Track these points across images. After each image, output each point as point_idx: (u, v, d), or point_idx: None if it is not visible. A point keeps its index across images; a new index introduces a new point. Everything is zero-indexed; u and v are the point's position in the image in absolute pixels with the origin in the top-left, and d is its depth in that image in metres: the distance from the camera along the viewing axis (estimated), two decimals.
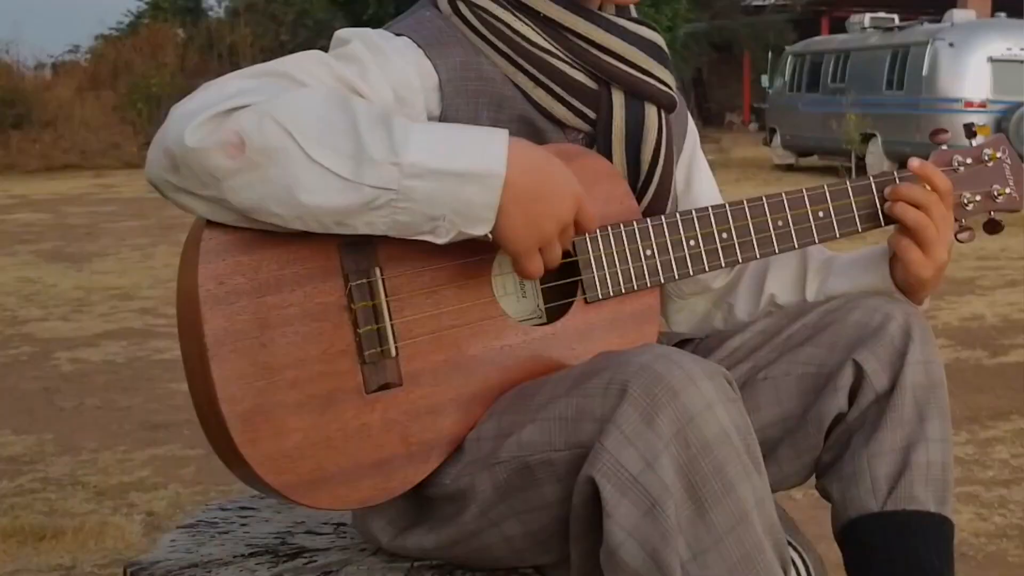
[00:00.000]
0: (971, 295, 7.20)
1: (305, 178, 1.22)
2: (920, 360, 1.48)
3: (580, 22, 1.47)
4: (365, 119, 1.24)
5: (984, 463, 3.92)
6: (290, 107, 1.23)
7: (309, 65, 1.34)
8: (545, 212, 1.30)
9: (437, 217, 1.25)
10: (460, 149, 1.26)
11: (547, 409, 1.29)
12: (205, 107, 1.23)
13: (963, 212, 1.59)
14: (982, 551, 3.15)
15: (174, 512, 3.57)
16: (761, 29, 29.59)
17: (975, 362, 5.41)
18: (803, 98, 18.58)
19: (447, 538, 1.39)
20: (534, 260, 1.31)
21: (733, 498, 1.22)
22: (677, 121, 1.60)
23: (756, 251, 1.50)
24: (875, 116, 15.93)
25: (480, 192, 1.25)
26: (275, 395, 1.28)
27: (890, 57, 16.52)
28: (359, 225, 1.25)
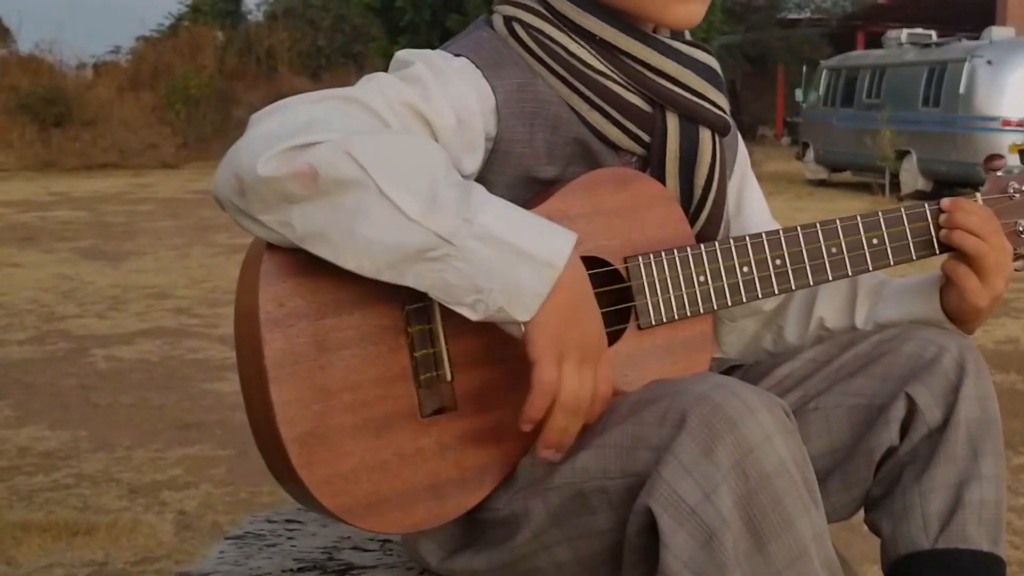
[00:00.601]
0: (1006, 317, 7.15)
1: (372, 209, 1.22)
2: (974, 395, 1.46)
3: (636, 45, 1.47)
4: (445, 172, 1.25)
5: (1017, 491, 3.88)
6: (369, 145, 1.24)
7: (377, 90, 1.34)
8: (578, 330, 1.28)
9: (483, 289, 1.24)
10: (531, 231, 1.26)
11: (602, 436, 1.29)
12: (280, 137, 1.23)
13: (1019, 240, 1.57)
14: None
15: (205, 512, 3.62)
16: (796, 43, 29.46)
17: (1009, 386, 5.37)
18: (837, 113, 18.49)
19: (498, 561, 1.39)
20: (553, 367, 1.27)
21: (792, 532, 1.22)
22: (729, 144, 1.60)
23: (810, 279, 1.50)
24: (910, 133, 15.84)
25: (533, 277, 1.24)
26: (332, 418, 1.29)
27: (927, 74, 16.42)
28: (408, 274, 1.24)
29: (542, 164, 1.44)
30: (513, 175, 1.43)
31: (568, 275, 1.26)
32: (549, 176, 1.44)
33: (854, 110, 18.00)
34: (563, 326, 1.27)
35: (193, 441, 4.34)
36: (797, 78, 23.34)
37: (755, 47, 30.00)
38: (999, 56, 15.43)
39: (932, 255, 1.54)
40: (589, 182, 1.43)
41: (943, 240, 1.52)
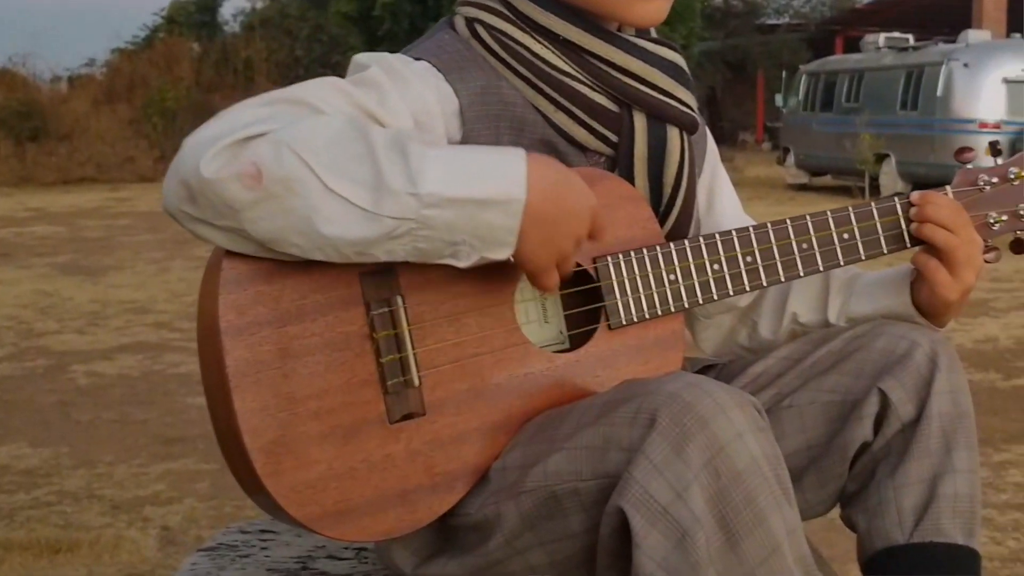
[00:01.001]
0: (985, 317, 7.17)
1: (325, 209, 1.21)
2: (947, 389, 1.46)
3: (600, 44, 1.46)
4: (383, 147, 1.23)
5: (998, 487, 3.90)
6: (307, 136, 1.22)
7: (326, 92, 1.33)
8: (563, 232, 1.30)
9: (458, 242, 1.25)
10: (479, 174, 1.25)
11: (574, 438, 1.28)
12: (220, 136, 1.22)
13: (989, 232, 1.56)
14: (996, 575, 3.14)
15: (189, 526, 3.59)
16: (775, 48, 29.61)
17: (989, 385, 5.39)
18: (817, 117, 18.58)
19: (471, 567, 1.37)
20: (552, 275, 1.32)
21: (764, 529, 1.21)
22: (697, 141, 1.60)
23: (781, 274, 1.49)
24: (889, 136, 15.92)
25: (501, 217, 1.25)
26: (298, 426, 1.27)
27: (904, 77, 16.53)
28: (379, 254, 1.25)
29: None
30: None
31: (534, 195, 1.26)
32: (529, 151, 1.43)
33: (833, 114, 18.10)
34: (548, 234, 1.28)
35: (176, 456, 4.31)
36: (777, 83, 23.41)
37: (735, 53, 30.15)
38: (975, 59, 15.55)
39: (903, 249, 1.54)
40: None
41: (913, 233, 1.51)
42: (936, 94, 15.66)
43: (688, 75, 1.55)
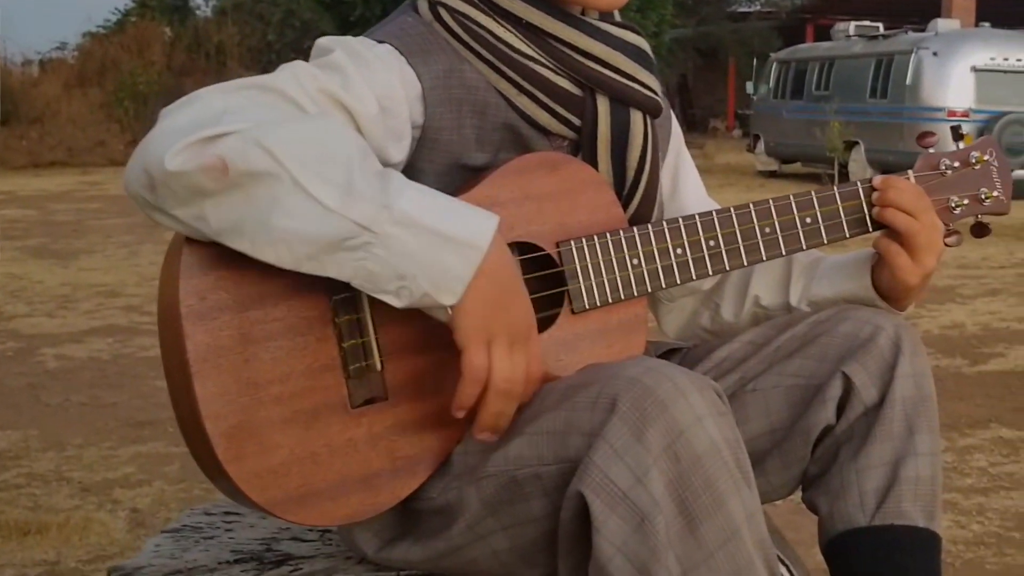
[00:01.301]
0: (952, 303, 7.23)
1: (288, 201, 1.20)
2: (910, 373, 1.47)
3: (563, 27, 1.46)
4: (361, 160, 1.23)
5: (963, 471, 3.93)
6: (281, 135, 1.21)
7: (295, 78, 1.32)
8: (506, 312, 1.27)
9: (406, 275, 1.22)
10: (452, 215, 1.24)
11: (535, 423, 1.28)
12: (189, 129, 1.21)
13: (951, 216, 1.57)
14: (960, 558, 3.16)
15: (158, 509, 3.59)
16: (746, 36, 29.67)
17: (955, 370, 5.43)
18: (787, 105, 18.65)
19: (434, 551, 1.38)
20: (482, 353, 1.26)
21: (724, 513, 1.22)
22: (662, 125, 1.59)
23: (744, 259, 1.50)
24: (859, 124, 16.00)
25: (458, 261, 1.23)
26: (259, 411, 1.27)
27: (874, 65, 16.61)
28: (328, 264, 1.22)
29: (471, 151, 1.42)
30: (443, 163, 1.42)
31: (492, 256, 1.25)
32: (479, 163, 1.43)
33: (803, 102, 18.17)
34: (490, 309, 1.26)
35: (146, 439, 4.31)
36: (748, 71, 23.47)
37: (706, 40, 30.20)
38: (944, 48, 15.63)
39: (866, 233, 1.54)
40: (519, 167, 1.42)
41: (876, 218, 1.52)
42: (905, 82, 15.74)
43: (652, 58, 1.54)
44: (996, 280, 8.21)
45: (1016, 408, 4.75)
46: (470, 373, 1.26)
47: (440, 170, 1.42)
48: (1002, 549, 3.23)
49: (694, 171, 1.72)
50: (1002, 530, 3.37)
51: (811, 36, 26.53)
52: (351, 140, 1.25)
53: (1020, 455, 4.11)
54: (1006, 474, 3.90)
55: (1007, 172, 1.60)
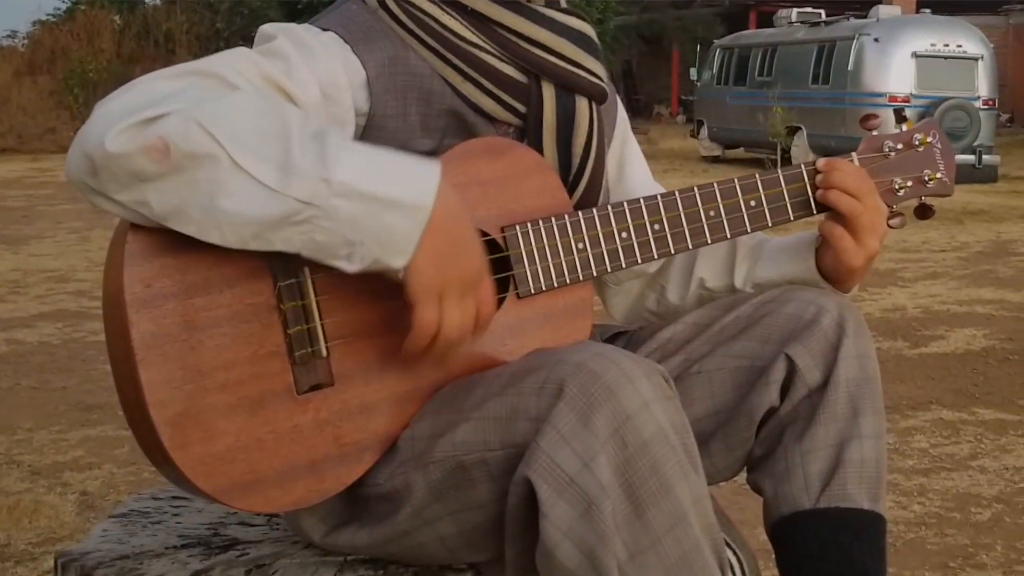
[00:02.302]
0: (893, 287, 7.31)
1: (229, 183, 1.19)
2: (854, 355, 1.47)
3: (507, 14, 1.46)
4: (299, 130, 1.22)
5: (904, 452, 3.98)
6: (218, 113, 1.20)
7: (236, 64, 1.31)
8: (456, 264, 1.27)
9: (355, 242, 1.22)
10: (392, 176, 1.24)
11: (482, 408, 1.28)
12: (129, 111, 1.20)
13: (894, 198, 1.58)
14: (901, 539, 3.20)
15: (108, 492, 3.60)
16: (690, 23, 29.82)
17: (896, 353, 5.49)
18: (730, 91, 18.77)
19: (380, 536, 1.38)
20: (433, 309, 1.27)
21: (671, 498, 1.22)
22: (607, 111, 1.60)
23: (689, 242, 1.50)
24: (801, 110, 16.13)
25: (404, 222, 1.23)
26: (205, 398, 1.26)
27: (816, 52, 16.75)
28: (275, 240, 1.22)
29: (417, 137, 1.42)
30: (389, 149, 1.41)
31: (439, 212, 1.24)
32: (425, 149, 1.42)
33: (746, 88, 18.29)
34: (441, 263, 1.26)
35: (95, 422, 4.31)
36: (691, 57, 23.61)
37: (650, 27, 30.32)
38: (885, 34, 15.79)
39: (810, 215, 1.55)
40: (464, 153, 1.42)
41: (819, 200, 1.53)
42: (847, 68, 15.88)
43: (597, 45, 1.54)
44: (937, 264, 8.32)
45: (956, 390, 4.82)
46: (420, 328, 1.27)
47: None
48: (943, 529, 3.28)
49: (640, 156, 1.72)
50: (943, 510, 3.42)
51: (754, 23, 26.69)
52: (286, 110, 1.24)
53: (960, 436, 4.18)
54: (947, 455, 3.96)
55: (950, 154, 1.61)
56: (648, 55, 31.48)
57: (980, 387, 4.87)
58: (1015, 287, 7.27)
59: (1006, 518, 3.36)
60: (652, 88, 31.69)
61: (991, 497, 3.54)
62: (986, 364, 5.27)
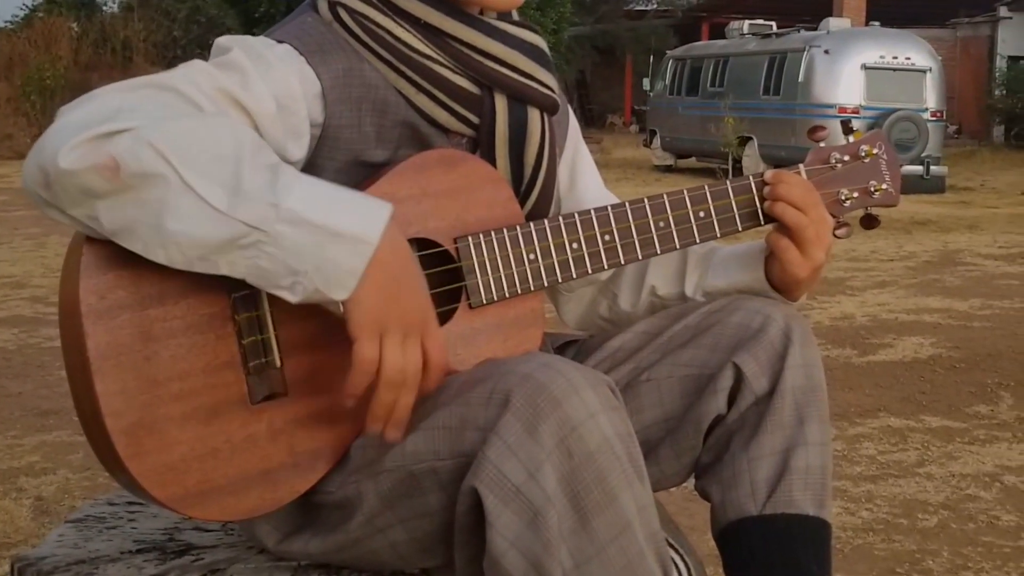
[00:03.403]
0: (842, 295, 7.39)
1: (177, 203, 1.20)
2: (800, 363, 1.49)
3: (461, 27, 1.47)
4: (251, 156, 1.22)
5: (852, 459, 4.03)
6: (171, 134, 1.21)
7: (193, 77, 1.32)
8: (399, 303, 1.27)
9: (298, 271, 1.22)
10: (341, 209, 1.24)
11: (431, 418, 1.30)
12: (83, 126, 1.20)
13: (840, 209, 1.60)
14: (849, 544, 3.24)
15: (63, 497, 3.59)
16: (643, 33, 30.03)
17: (844, 361, 5.55)
18: (683, 101, 18.90)
19: (333, 544, 1.39)
20: (372, 346, 1.26)
21: (615, 507, 1.24)
22: (559, 122, 1.61)
23: (638, 252, 1.52)
24: (752, 120, 16.28)
25: (348, 256, 1.23)
26: (159, 408, 1.27)
27: (767, 63, 16.91)
28: (221, 263, 1.23)
29: (371, 148, 1.43)
30: (343, 160, 1.43)
31: (384, 248, 1.25)
32: (379, 160, 1.44)
33: (698, 98, 18.43)
34: (383, 301, 1.26)
35: (51, 428, 4.30)
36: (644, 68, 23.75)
37: (604, 38, 30.48)
38: (836, 46, 15.97)
39: (758, 226, 1.57)
40: (417, 164, 1.43)
41: (767, 212, 1.55)
42: (798, 79, 16.05)
43: (549, 57, 1.56)
44: (885, 273, 8.42)
45: (904, 397, 4.88)
46: (359, 365, 1.26)
47: (340, 167, 1.42)
48: (890, 535, 3.32)
49: (592, 166, 1.74)
50: (890, 516, 3.47)
51: (706, 34, 26.90)
52: (242, 136, 1.25)
53: (908, 443, 4.23)
54: (894, 462, 4.01)
55: (895, 165, 1.63)
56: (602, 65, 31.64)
57: (927, 395, 4.93)
58: (962, 296, 7.37)
59: (952, 524, 3.41)
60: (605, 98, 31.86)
61: (938, 503, 3.59)
62: (933, 372, 5.34)
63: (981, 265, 8.85)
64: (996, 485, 3.77)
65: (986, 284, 7.89)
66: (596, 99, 31.98)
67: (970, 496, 3.66)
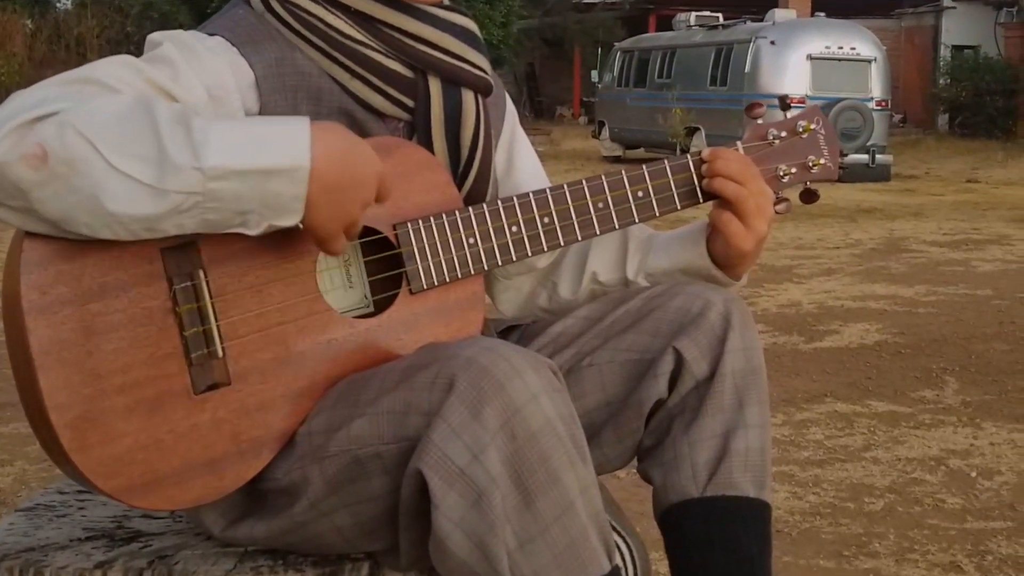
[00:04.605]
0: (789, 283, 7.46)
1: (110, 186, 1.21)
2: (740, 347, 1.51)
3: (391, 13, 1.48)
4: (167, 122, 1.23)
5: (799, 444, 4.07)
6: (92, 115, 1.22)
7: (119, 70, 1.33)
8: (350, 198, 1.30)
9: (247, 211, 1.26)
10: (263, 145, 1.25)
11: (376, 403, 1.31)
12: (8, 119, 1.21)
13: (779, 184, 1.61)
14: (797, 528, 3.27)
15: (20, 488, 3.59)
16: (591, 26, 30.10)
17: (792, 347, 5.60)
18: (631, 93, 18.98)
19: (278, 528, 1.40)
20: (339, 240, 1.33)
21: (559, 487, 1.25)
22: (495, 104, 1.62)
23: (578, 234, 1.53)
24: (699, 111, 16.39)
25: (287, 186, 1.26)
26: (103, 401, 1.28)
27: (714, 54, 17.01)
28: (169, 228, 1.25)
29: None
30: None
31: (319, 160, 1.27)
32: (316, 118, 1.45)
33: (646, 90, 18.51)
34: (336, 201, 1.29)
35: (7, 420, 4.27)
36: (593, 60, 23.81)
37: (552, 30, 30.54)
38: (781, 37, 16.09)
39: (696, 204, 1.58)
40: None
41: (705, 188, 1.56)
42: (744, 70, 16.15)
43: (480, 39, 1.58)
44: (831, 260, 8.51)
45: (850, 383, 4.93)
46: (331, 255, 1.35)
47: None
48: (837, 519, 3.35)
49: (529, 148, 1.75)
50: (837, 500, 3.50)
51: (654, 26, 26.99)
52: (153, 105, 1.25)
53: (854, 428, 4.27)
54: (841, 446, 4.05)
55: (833, 140, 1.65)
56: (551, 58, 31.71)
57: (873, 380, 4.99)
58: (907, 283, 7.47)
59: (898, 507, 3.45)
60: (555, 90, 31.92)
61: (884, 487, 3.63)
62: (879, 358, 5.40)
63: (926, 252, 8.96)
64: (941, 469, 3.82)
65: (931, 270, 8.00)
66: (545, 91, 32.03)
67: (916, 480, 3.71)
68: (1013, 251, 8.99)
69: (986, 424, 4.34)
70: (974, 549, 3.13)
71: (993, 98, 23.05)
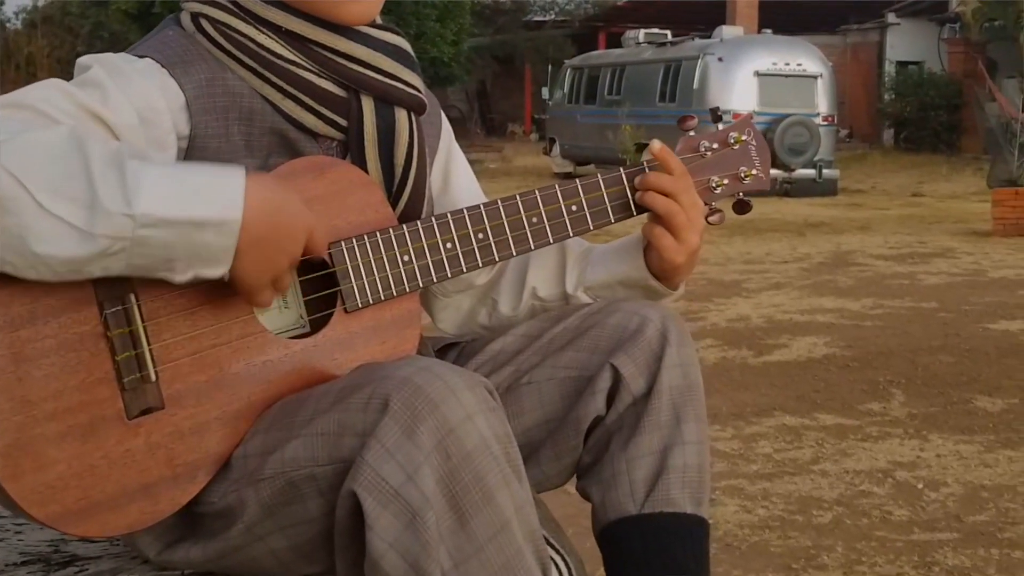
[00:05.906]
0: (738, 297, 7.51)
1: (38, 228, 1.20)
2: (677, 363, 1.51)
3: (322, 32, 1.48)
4: (99, 164, 1.22)
5: (748, 458, 4.09)
6: (22, 153, 1.20)
7: (51, 94, 1.32)
8: (279, 250, 1.31)
9: (173, 260, 1.25)
10: (196, 195, 1.25)
11: (310, 425, 1.30)
12: None
13: (712, 196, 1.62)
14: (746, 542, 3.29)
15: None
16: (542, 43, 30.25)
17: (741, 361, 5.64)
18: (581, 110, 19.07)
19: (214, 552, 1.38)
20: (266, 293, 1.33)
21: (493, 507, 1.25)
22: (429, 122, 1.62)
23: (512, 249, 1.53)
24: (649, 127, 16.43)
25: (217, 238, 1.26)
26: (34, 428, 1.26)
27: (663, 71, 17.14)
28: (95, 271, 1.24)
29: (241, 157, 1.43)
30: None
31: (250, 214, 1.27)
32: (250, 169, 1.43)
33: (596, 106, 18.62)
34: (264, 254, 1.29)
35: None
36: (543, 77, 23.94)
37: (503, 48, 30.66)
38: (729, 53, 16.24)
39: (630, 217, 1.59)
40: (287, 172, 1.43)
41: (638, 202, 1.57)
42: (693, 87, 16.28)
43: (413, 58, 1.57)
44: (779, 274, 8.57)
45: (799, 396, 4.97)
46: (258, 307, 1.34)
47: None
48: (786, 532, 3.38)
49: (465, 166, 1.74)
50: (786, 514, 3.53)
51: (603, 43, 27.17)
52: (87, 144, 1.23)
53: (803, 441, 4.31)
54: (790, 460, 4.08)
55: (765, 151, 1.66)
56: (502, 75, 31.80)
57: (821, 393, 5.03)
58: (854, 296, 7.53)
59: (846, 520, 3.48)
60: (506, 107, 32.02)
61: (832, 500, 3.66)
62: (827, 371, 5.45)
63: (873, 265, 9.05)
64: (888, 481, 3.85)
65: (877, 284, 8.08)
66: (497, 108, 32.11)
67: (863, 492, 3.74)
68: (958, 264, 9.09)
69: (932, 436, 4.38)
70: (921, 560, 3.16)
71: (937, 113, 23.37)
